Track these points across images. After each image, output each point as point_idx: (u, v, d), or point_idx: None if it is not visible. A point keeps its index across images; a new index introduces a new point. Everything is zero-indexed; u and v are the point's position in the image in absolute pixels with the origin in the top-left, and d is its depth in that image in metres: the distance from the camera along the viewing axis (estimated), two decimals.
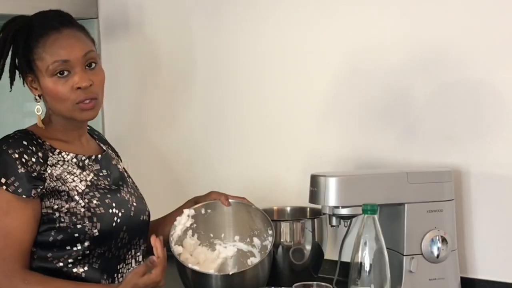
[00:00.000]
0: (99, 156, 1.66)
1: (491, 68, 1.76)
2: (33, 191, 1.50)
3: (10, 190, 1.48)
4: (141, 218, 1.67)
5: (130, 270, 1.63)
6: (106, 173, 1.65)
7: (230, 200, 1.77)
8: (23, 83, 1.60)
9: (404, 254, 1.69)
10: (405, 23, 1.88)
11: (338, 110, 2.01)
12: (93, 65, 1.57)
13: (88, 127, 1.72)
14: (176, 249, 1.70)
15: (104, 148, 1.73)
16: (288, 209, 2.01)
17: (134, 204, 1.66)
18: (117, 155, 1.81)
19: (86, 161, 1.62)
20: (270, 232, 1.73)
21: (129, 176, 1.76)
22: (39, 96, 1.58)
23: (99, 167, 1.64)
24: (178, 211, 1.78)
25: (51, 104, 1.58)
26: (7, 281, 1.48)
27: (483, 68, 1.77)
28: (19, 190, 1.48)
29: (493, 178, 1.77)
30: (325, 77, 2.03)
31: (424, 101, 1.86)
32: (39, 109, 1.59)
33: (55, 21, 1.57)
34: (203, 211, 1.77)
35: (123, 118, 2.51)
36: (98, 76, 1.58)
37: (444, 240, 1.69)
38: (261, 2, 2.13)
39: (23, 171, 1.49)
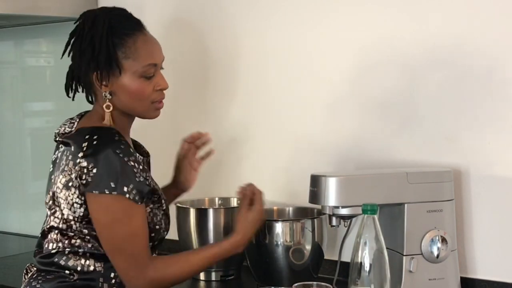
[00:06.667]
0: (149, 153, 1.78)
1: (491, 68, 1.76)
2: (145, 198, 1.56)
3: (131, 198, 1.52)
4: None
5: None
6: None
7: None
8: (92, 78, 1.59)
9: (404, 254, 1.69)
10: (404, 21, 1.88)
11: (338, 110, 2.01)
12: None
13: None
14: None
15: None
16: (288, 209, 2.01)
17: None
18: None
19: (145, 161, 1.68)
20: None
21: None
22: (110, 93, 1.60)
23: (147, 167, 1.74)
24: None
25: (124, 102, 1.61)
26: (151, 271, 1.55)
27: (483, 68, 1.77)
28: (137, 198, 1.53)
29: (493, 178, 1.77)
30: (325, 78, 2.03)
31: (424, 101, 1.86)
32: (109, 106, 1.61)
33: (134, 21, 1.63)
34: None
35: None
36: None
37: (444, 240, 1.69)
38: (264, 2, 2.13)
39: (141, 179, 1.54)
